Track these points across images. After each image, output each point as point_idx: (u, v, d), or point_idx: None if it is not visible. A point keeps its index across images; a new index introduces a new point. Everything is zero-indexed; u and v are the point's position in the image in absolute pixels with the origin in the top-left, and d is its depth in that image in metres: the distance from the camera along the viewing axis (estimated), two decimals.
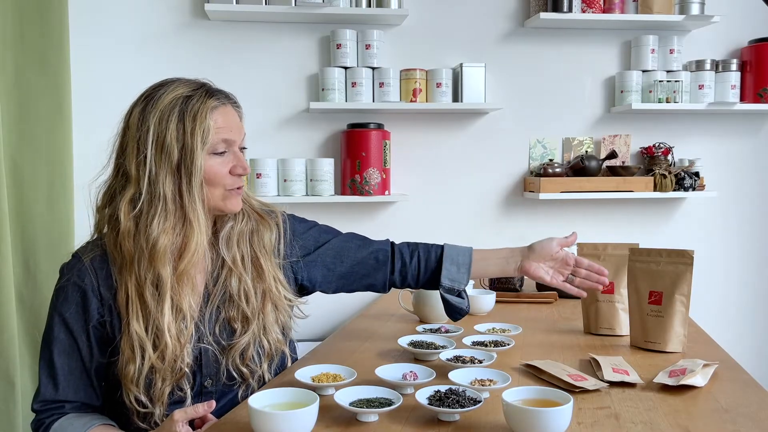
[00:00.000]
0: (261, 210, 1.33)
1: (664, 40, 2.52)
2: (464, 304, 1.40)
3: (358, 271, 1.40)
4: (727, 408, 1.11)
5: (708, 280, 2.64)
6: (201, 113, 1.15)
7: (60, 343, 1.17)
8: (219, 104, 1.19)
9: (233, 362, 1.22)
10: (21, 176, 2.03)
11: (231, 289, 1.23)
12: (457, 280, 1.39)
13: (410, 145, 2.51)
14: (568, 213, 2.58)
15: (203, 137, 1.14)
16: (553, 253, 1.40)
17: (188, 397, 1.19)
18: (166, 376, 1.15)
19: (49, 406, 1.17)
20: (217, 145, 1.18)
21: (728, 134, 2.65)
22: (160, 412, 1.16)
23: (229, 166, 1.20)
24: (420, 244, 1.45)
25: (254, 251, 1.27)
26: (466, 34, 2.50)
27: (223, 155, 1.19)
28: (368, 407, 1.03)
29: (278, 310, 1.27)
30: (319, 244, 1.39)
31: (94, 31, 2.33)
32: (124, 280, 1.15)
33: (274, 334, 1.26)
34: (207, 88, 1.20)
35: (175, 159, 1.13)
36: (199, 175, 1.14)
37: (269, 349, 1.25)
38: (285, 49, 2.43)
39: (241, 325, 1.23)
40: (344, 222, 2.46)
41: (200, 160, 1.14)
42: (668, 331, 1.43)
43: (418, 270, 1.42)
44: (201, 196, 1.16)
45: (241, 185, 1.23)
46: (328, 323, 2.48)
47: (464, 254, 1.41)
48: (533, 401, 1.00)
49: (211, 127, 1.15)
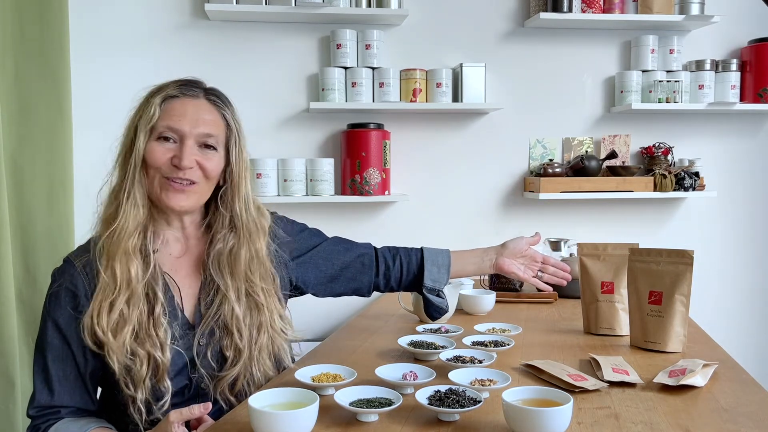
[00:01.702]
0: (255, 227, 1.26)
1: (664, 40, 2.52)
2: (444, 303, 1.47)
3: (346, 274, 1.42)
4: (727, 408, 1.11)
5: (708, 280, 2.64)
6: (154, 99, 1.18)
7: (54, 348, 1.16)
8: (179, 94, 1.20)
9: (222, 392, 1.21)
10: (21, 176, 2.03)
11: (224, 317, 1.21)
12: (438, 281, 1.45)
13: (410, 145, 2.51)
14: (568, 213, 2.58)
15: (148, 120, 1.17)
16: (523, 251, 1.49)
17: (169, 391, 1.16)
18: (142, 359, 1.13)
19: (45, 411, 1.17)
20: (163, 130, 1.18)
21: (728, 134, 2.65)
22: (141, 397, 1.14)
23: (170, 155, 1.18)
24: (400, 248, 1.49)
25: (250, 281, 1.24)
26: (466, 34, 2.50)
27: (168, 142, 1.18)
28: (368, 407, 1.03)
29: (273, 343, 1.26)
30: (310, 247, 1.40)
31: (94, 31, 2.33)
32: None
33: (264, 367, 1.24)
34: (184, 82, 1.22)
35: (128, 143, 1.19)
36: (138, 157, 1.16)
37: (260, 379, 1.24)
38: (285, 49, 2.43)
39: (233, 355, 1.21)
40: (344, 222, 2.46)
41: (141, 143, 1.16)
42: (668, 331, 1.43)
43: (401, 272, 1.46)
44: (140, 181, 1.17)
45: (179, 178, 1.18)
46: (328, 323, 2.48)
47: (443, 256, 1.47)
48: (533, 401, 1.00)
49: (156, 112, 1.17)
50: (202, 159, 1.20)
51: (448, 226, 2.54)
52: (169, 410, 1.13)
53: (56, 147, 2.10)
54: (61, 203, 2.11)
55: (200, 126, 1.19)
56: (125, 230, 1.15)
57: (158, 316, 1.16)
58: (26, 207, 2.04)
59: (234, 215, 1.25)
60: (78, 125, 2.22)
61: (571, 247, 2.28)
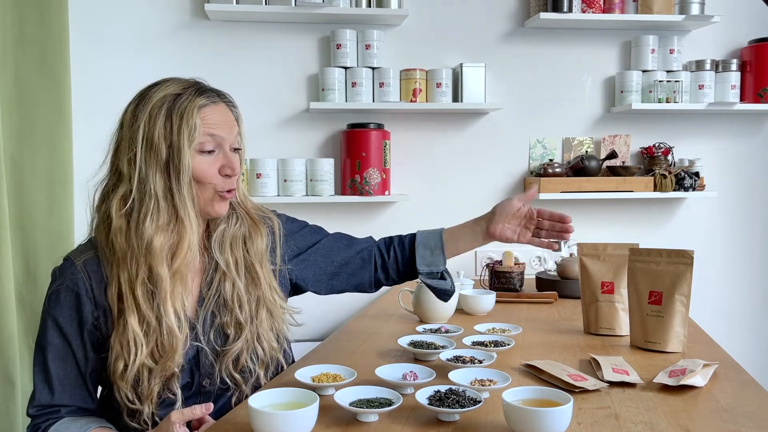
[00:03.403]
0: (256, 214, 1.31)
1: (664, 40, 2.52)
2: (448, 285, 1.40)
3: (346, 270, 1.41)
4: (727, 408, 1.11)
5: (708, 280, 2.64)
6: (188, 110, 1.14)
7: (54, 347, 1.16)
8: (208, 102, 1.18)
9: (226, 368, 1.21)
10: (21, 176, 2.03)
11: (225, 293, 1.23)
12: (434, 263, 1.39)
13: (410, 145, 2.51)
14: (568, 213, 2.56)
15: (190, 134, 1.13)
16: (514, 211, 1.37)
17: (179, 399, 1.18)
18: (155, 375, 1.14)
19: (45, 410, 1.17)
20: (205, 142, 1.16)
21: (728, 134, 2.65)
22: (148, 410, 1.15)
23: (217, 166, 1.18)
24: (395, 237, 1.46)
25: (248, 256, 1.26)
26: (466, 34, 2.50)
27: (212, 154, 1.18)
28: (368, 407, 1.03)
29: (273, 317, 1.27)
30: (309, 244, 1.40)
31: (94, 31, 2.33)
32: (115, 276, 1.14)
33: (268, 342, 1.25)
34: (198, 86, 1.20)
35: (164, 157, 1.13)
36: (188, 174, 1.14)
37: (263, 356, 1.25)
38: (285, 49, 2.43)
39: (234, 331, 1.22)
40: (344, 222, 2.46)
41: (187, 158, 1.13)
42: (668, 331, 1.43)
43: (396, 262, 1.42)
44: (191, 194, 1.15)
45: (231, 189, 1.21)
46: (328, 323, 2.48)
47: (435, 237, 1.41)
48: (533, 401, 1.00)
49: (197, 125, 1.14)
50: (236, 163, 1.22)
51: (448, 226, 2.53)
52: (164, 410, 1.13)
53: (56, 147, 2.10)
54: (61, 203, 2.11)
55: (234, 131, 1.22)
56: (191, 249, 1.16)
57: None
58: (26, 207, 2.04)
59: (235, 203, 1.28)
60: (78, 125, 2.22)
61: (571, 247, 2.28)
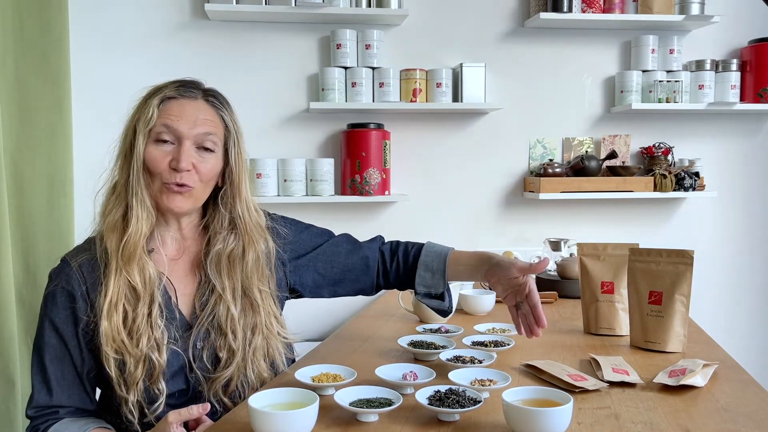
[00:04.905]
0: (257, 230, 1.26)
1: (664, 40, 2.52)
2: (444, 306, 1.39)
3: (348, 276, 1.40)
4: (727, 408, 1.11)
5: (708, 280, 2.64)
6: (152, 99, 1.17)
7: (51, 348, 1.16)
8: (178, 95, 1.19)
9: (215, 393, 1.20)
10: (21, 176, 2.03)
11: (219, 318, 1.21)
12: (433, 286, 1.38)
13: (410, 145, 2.51)
14: (568, 213, 2.58)
15: (147, 122, 1.16)
16: (510, 277, 1.30)
17: (163, 393, 1.16)
18: (137, 361, 1.13)
19: (44, 411, 1.17)
20: (161, 132, 1.17)
21: (728, 134, 2.65)
22: (133, 399, 1.14)
23: (169, 158, 1.17)
24: (401, 246, 1.44)
25: (246, 280, 1.23)
26: (466, 34, 2.50)
27: (166, 144, 1.18)
28: (368, 407, 1.03)
29: (269, 344, 1.25)
30: (310, 248, 1.38)
31: (94, 31, 2.33)
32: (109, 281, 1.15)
33: (258, 369, 1.23)
34: (180, 82, 1.21)
35: (127, 144, 1.18)
36: (139, 160, 1.16)
37: (253, 381, 1.23)
38: (285, 49, 2.43)
39: (226, 355, 1.20)
40: (344, 222, 2.46)
41: (141, 145, 1.16)
42: (668, 331, 1.43)
43: (398, 272, 1.42)
44: (145, 183, 1.17)
45: (180, 183, 1.17)
46: (328, 323, 2.48)
47: (439, 260, 1.37)
48: (533, 401, 1.00)
49: (154, 113, 1.16)
50: (198, 161, 1.19)
51: (448, 226, 2.54)
52: (164, 412, 1.12)
53: (56, 147, 2.10)
54: (61, 203, 2.11)
55: (198, 127, 1.19)
56: (140, 233, 1.16)
57: (155, 318, 1.16)
58: (26, 207, 2.04)
59: (235, 216, 1.25)
60: (78, 125, 2.22)
61: (571, 247, 2.28)
